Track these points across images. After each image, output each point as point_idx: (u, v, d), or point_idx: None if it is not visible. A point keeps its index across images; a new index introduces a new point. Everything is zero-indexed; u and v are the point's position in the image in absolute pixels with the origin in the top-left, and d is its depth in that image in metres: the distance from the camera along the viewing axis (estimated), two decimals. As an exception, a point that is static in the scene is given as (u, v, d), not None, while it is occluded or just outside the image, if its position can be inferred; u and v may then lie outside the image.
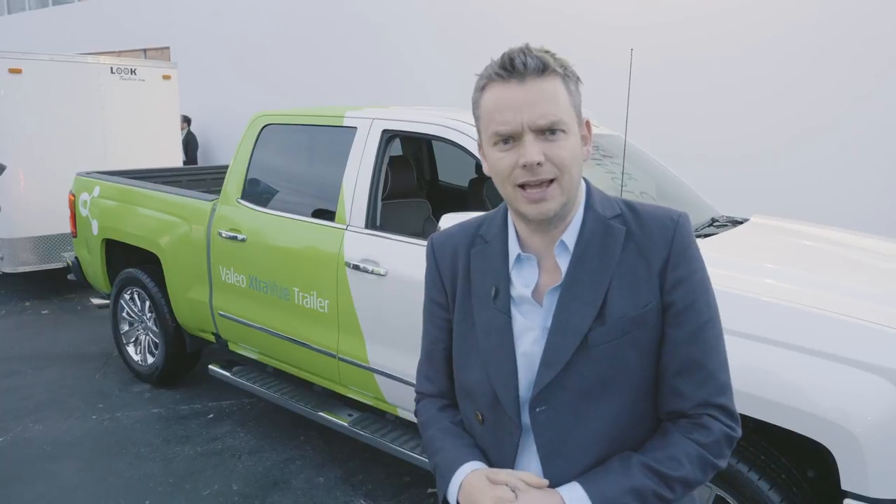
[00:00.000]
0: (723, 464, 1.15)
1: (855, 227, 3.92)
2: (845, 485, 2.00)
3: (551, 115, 1.08)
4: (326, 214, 3.34)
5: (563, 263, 1.16)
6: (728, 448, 1.15)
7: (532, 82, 1.08)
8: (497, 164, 1.12)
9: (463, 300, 1.26)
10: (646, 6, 6.89)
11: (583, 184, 1.20)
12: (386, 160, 3.24)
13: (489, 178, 3.66)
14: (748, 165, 6.40)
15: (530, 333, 1.17)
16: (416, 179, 3.88)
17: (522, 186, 1.10)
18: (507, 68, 1.09)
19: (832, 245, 3.12)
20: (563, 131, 1.09)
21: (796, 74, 6.16)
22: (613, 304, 1.13)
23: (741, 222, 3.33)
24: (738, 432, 1.16)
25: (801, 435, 2.07)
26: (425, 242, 2.90)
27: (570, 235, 1.17)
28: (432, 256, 1.33)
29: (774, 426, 2.12)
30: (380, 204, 3.20)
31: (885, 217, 5.66)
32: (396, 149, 4.25)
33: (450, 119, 3.07)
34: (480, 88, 1.14)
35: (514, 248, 1.20)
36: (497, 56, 1.13)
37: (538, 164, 1.07)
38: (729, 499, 2.21)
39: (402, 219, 3.56)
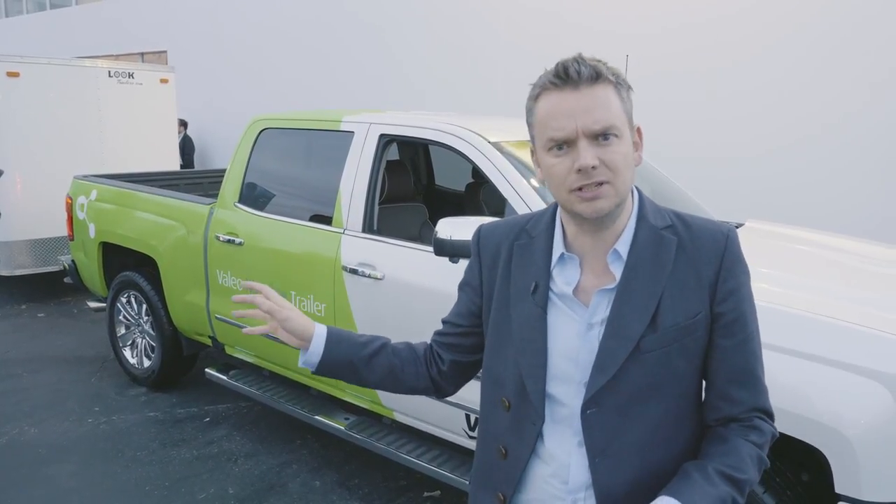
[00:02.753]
0: (767, 462, 1.22)
1: (850, 232, 3.94)
2: (839, 488, 2.02)
3: (605, 121, 1.11)
4: (323, 218, 3.35)
5: (616, 271, 1.20)
6: (768, 448, 1.23)
7: (586, 89, 1.12)
8: (552, 169, 1.16)
9: (501, 291, 1.30)
10: (643, 13, 6.93)
11: (635, 193, 1.25)
12: (383, 164, 3.25)
13: (486, 183, 3.67)
14: (742, 169, 6.42)
15: (569, 328, 1.22)
16: (412, 184, 3.89)
17: (577, 189, 1.14)
18: (562, 76, 1.13)
19: (826, 250, 3.14)
20: (616, 136, 1.13)
21: (792, 82, 6.19)
22: (665, 313, 1.18)
23: (736, 227, 3.34)
24: (777, 432, 1.24)
25: (795, 438, 2.09)
26: (422, 247, 2.94)
27: (623, 244, 1.20)
28: (476, 245, 1.38)
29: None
30: (377, 208, 3.21)
31: (880, 221, 5.69)
32: (393, 153, 4.26)
33: (447, 124, 3.08)
34: (534, 97, 1.18)
35: (558, 247, 1.25)
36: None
37: (593, 167, 1.11)
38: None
39: (398, 223, 3.57)
